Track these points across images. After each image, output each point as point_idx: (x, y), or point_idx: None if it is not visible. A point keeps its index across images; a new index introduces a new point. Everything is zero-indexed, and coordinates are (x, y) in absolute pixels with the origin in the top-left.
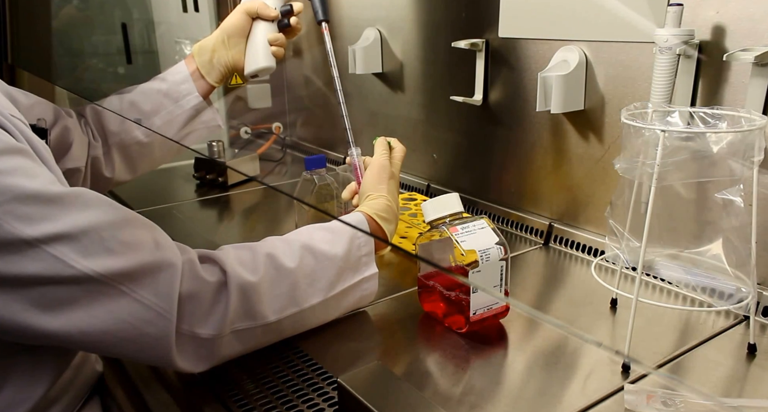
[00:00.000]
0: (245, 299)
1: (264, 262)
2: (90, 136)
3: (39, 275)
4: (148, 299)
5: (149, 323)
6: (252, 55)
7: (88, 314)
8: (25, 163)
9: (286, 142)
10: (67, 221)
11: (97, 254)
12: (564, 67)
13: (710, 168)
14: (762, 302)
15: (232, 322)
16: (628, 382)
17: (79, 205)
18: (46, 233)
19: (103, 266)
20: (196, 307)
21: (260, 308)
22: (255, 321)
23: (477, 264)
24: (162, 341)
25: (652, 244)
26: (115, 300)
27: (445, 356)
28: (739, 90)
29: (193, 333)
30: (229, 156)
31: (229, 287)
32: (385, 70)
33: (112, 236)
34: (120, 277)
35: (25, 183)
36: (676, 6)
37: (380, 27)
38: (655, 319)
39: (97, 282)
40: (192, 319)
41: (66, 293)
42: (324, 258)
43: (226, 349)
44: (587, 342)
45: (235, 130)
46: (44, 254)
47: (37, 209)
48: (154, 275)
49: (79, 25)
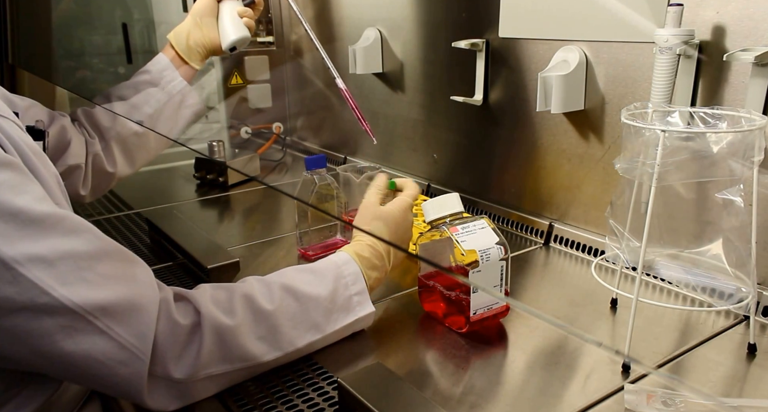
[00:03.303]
0: (220, 342)
1: (241, 304)
2: (86, 135)
3: (12, 299)
4: (124, 338)
5: (122, 364)
6: (226, 30)
7: (59, 349)
8: (13, 178)
9: (287, 142)
10: (46, 244)
11: (74, 283)
12: (564, 67)
13: (710, 168)
14: (762, 302)
15: (205, 366)
16: (628, 382)
17: (61, 229)
18: (24, 253)
19: (79, 297)
20: (168, 349)
21: (238, 352)
22: (232, 365)
23: (477, 264)
24: (134, 381)
25: (652, 244)
26: (89, 336)
27: (445, 355)
28: (739, 90)
29: (166, 375)
30: (229, 156)
31: (203, 329)
32: (385, 70)
33: (92, 266)
34: (97, 311)
35: (9, 199)
36: (676, 6)
37: (380, 27)
38: (655, 319)
39: (73, 314)
40: (165, 360)
41: (39, 323)
42: (307, 300)
43: (199, 391)
44: (587, 342)
45: (236, 130)
46: (20, 277)
47: (16, 228)
48: (132, 313)
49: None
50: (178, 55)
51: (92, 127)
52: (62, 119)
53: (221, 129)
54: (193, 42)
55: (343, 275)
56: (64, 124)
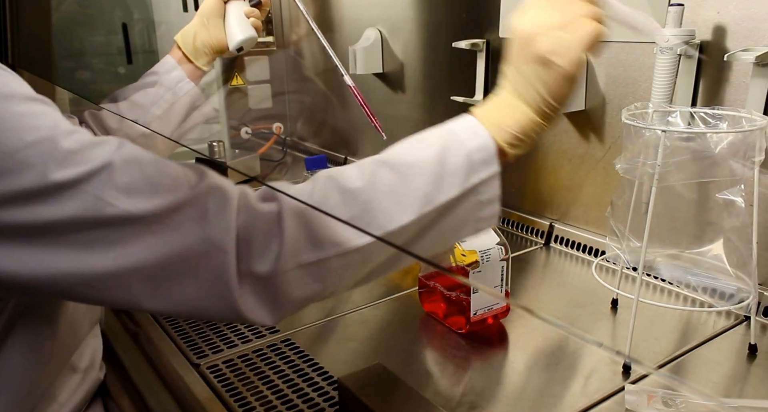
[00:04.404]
0: (306, 226)
1: (324, 186)
2: None
3: (80, 217)
4: (204, 232)
5: (206, 256)
6: (232, 30)
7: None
8: (55, 111)
9: (287, 142)
10: (104, 156)
11: (141, 190)
12: None
13: (711, 168)
14: (763, 303)
15: (294, 254)
16: (628, 382)
17: (117, 143)
18: (84, 171)
19: (148, 202)
20: (251, 240)
21: (329, 235)
22: (326, 251)
23: (478, 264)
24: (222, 277)
25: (652, 244)
26: (167, 235)
27: (445, 356)
28: (740, 90)
29: (251, 271)
30: (229, 156)
31: (284, 214)
32: (385, 71)
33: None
34: (169, 211)
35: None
36: (677, 6)
37: (381, 27)
38: (655, 319)
39: (144, 220)
40: (248, 254)
41: (112, 233)
42: (408, 167)
43: (297, 288)
44: (588, 342)
45: (236, 130)
46: (82, 194)
47: (71, 148)
48: (208, 208)
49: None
50: (185, 57)
51: (100, 128)
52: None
53: (221, 129)
54: (200, 43)
55: (455, 130)
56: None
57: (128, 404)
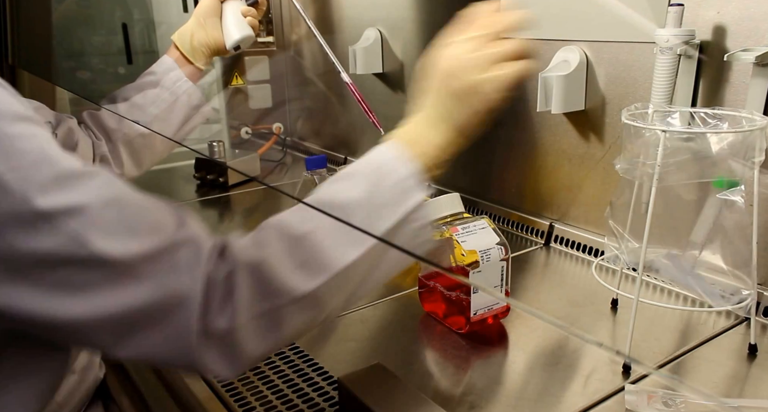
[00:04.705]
0: (258, 279)
1: (271, 235)
2: (92, 137)
3: (53, 253)
4: (172, 285)
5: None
6: (229, 29)
7: (102, 300)
8: (45, 133)
9: (287, 142)
10: (88, 194)
11: (117, 233)
12: (564, 68)
13: (711, 168)
14: (762, 303)
15: (248, 307)
16: (628, 382)
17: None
18: (64, 204)
19: (119, 248)
20: (212, 295)
21: (280, 285)
22: (278, 300)
23: (478, 264)
24: (184, 332)
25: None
26: (135, 285)
27: (445, 356)
28: (740, 90)
29: (211, 326)
30: (229, 156)
31: (237, 268)
32: (385, 71)
33: (134, 216)
34: (141, 260)
35: (45, 147)
36: (677, 6)
37: (381, 27)
38: (655, 319)
39: (116, 265)
40: (209, 309)
41: (82, 276)
42: (345, 205)
43: (253, 341)
44: (588, 342)
45: (236, 130)
46: (59, 230)
47: (55, 177)
48: (177, 260)
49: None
50: (183, 56)
51: (98, 129)
52: (69, 121)
53: (221, 129)
54: (197, 42)
55: (381, 163)
56: (71, 126)
57: (128, 404)
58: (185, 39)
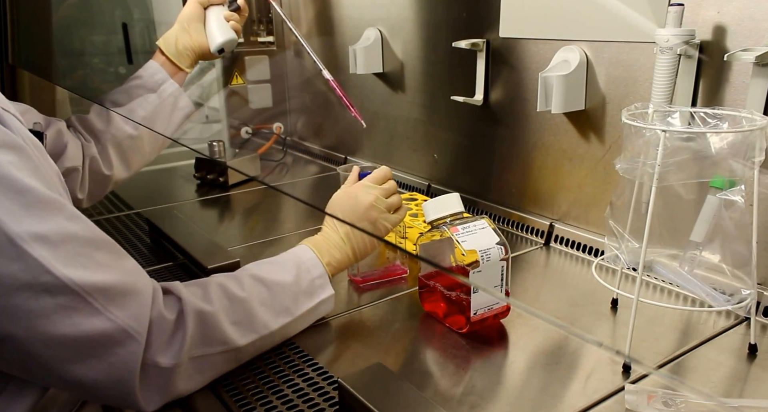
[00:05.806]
0: (202, 327)
1: (216, 292)
2: (81, 139)
3: (16, 277)
4: (122, 320)
5: (119, 344)
6: (213, 33)
7: (57, 329)
8: (21, 160)
9: (287, 142)
10: (51, 224)
11: (75, 264)
12: (565, 67)
13: (711, 168)
14: (762, 303)
15: (190, 348)
16: (628, 382)
17: (64, 213)
18: (29, 231)
19: (80, 278)
20: (158, 335)
21: (218, 336)
22: (212, 348)
23: (478, 264)
24: (130, 365)
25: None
26: (88, 317)
27: (445, 356)
28: (740, 90)
29: (154, 362)
30: (229, 156)
31: (186, 314)
32: (385, 70)
33: (91, 251)
34: (96, 292)
35: (18, 177)
36: (677, 6)
37: (381, 27)
38: (655, 319)
39: (74, 294)
40: (155, 346)
41: (40, 303)
42: (274, 285)
43: (183, 380)
44: (588, 342)
45: (236, 130)
46: (25, 255)
47: (23, 207)
48: (129, 297)
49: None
50: (169, 60)
51: (87, 131)
52: (58, 123)
53: (221, 129)
54: (182, 46)
55: (303, 260)
56: (60, 128)
57: None
58: (170, 44)
